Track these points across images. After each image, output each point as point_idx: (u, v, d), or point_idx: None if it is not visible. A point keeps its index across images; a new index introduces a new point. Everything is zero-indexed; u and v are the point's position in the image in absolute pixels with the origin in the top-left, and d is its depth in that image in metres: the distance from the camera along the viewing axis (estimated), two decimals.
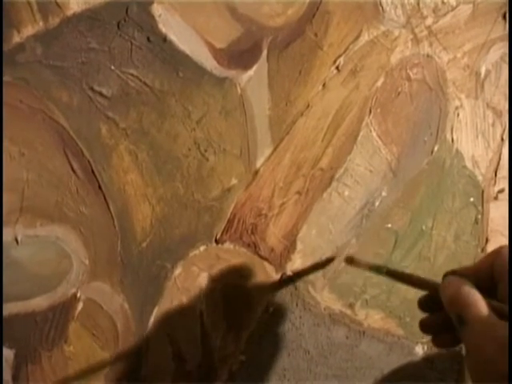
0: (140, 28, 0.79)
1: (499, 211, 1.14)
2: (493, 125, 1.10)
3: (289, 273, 0.98)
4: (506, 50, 1.09)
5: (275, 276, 0.97)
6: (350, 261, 0.98)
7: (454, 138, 1.07)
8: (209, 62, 0.85)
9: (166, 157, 0.85)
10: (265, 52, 0.88)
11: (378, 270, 0.90)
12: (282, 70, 0.90)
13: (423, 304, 0.79)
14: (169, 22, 0.81)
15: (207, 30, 0.84)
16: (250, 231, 0.94)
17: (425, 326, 0.78)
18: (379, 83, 0.98)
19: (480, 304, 0.64)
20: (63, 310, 0.83)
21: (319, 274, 1.01)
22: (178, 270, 0.90)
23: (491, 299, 0.66)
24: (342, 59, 0.94)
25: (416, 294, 0.80)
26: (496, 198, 1.14)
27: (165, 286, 0.89)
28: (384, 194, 1.03)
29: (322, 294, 1.01)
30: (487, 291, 0.67)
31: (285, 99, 0.91)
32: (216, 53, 0.85)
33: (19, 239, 0.77)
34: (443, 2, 1.00)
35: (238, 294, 0.95)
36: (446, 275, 0.74)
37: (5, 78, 0.72)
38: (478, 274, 0.71)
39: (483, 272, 0.71)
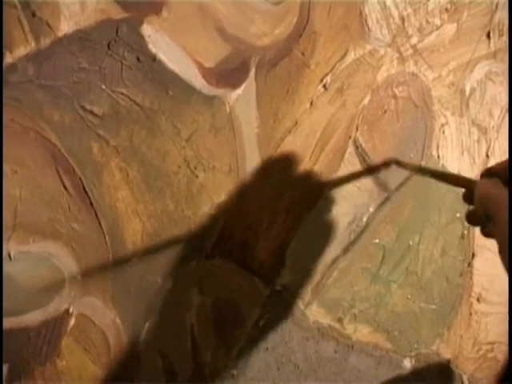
0: (130, 48, 0.80)
1: None
2: (478, 141, 1.11)
3: (278, 287, 0.99)
4: (491, 68, 1.10)
5: (265, 290, 0.98)
6: (398, 163, 1.02)
7: (440, 154, 1.08)
8: (198, 81, 0.86)
9: (157, 174, 0.86)
10: (253, 71, 0.90)
11: (421, 171, 1.00)
12: (269, 88, 0.91)
13: (467, 198, 0.81)
14: (158, 42, 0.82)
15: (196, 50, 0.85)
16: (239, 246, 0.94)
17: (470, 219, 0.80)
18: (366, 101, 1.00)
19: (506, 203, 0.67)
20: (56, 325, 0.83)
21: (308, 288, 1.02)
22: (168, 285, 0.90)
23: None
24: (328, 78, 0.96)
25: (404, 308, 0.81)
26: None
27: (156, 301, 0.90)
28: (371, 209, 1.04)
29: (311, 309, 1.02)
30: None
31: (273, 117, 0.93)
32: (205, 72, 0.86)
33: (12, 255, 0.78)
34: (428, 22, 1.02)
35: (228, 309, 0.96)
36: (482, 174, 0.76)
37: None
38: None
39: None
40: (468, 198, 0.80)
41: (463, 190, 0.81)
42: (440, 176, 0.92)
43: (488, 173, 0.75)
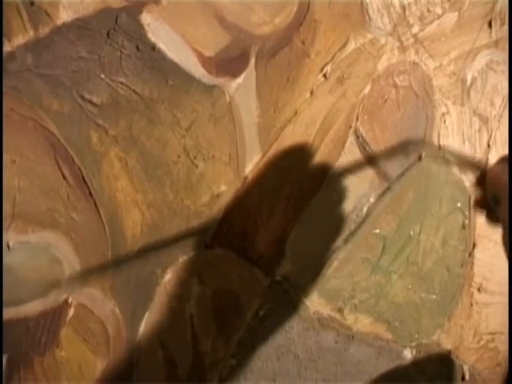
0: (129, 37, 0.80)
1: None
2: (479, 131, 1.11)
3: (278, 278, 0.98)
4: (492, 57, 1.10)
5: (265, 281, 0.98)
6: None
7: (441, 144, 1.08)
8: (197, 70, 0.86)
9: (156, 163, 0.86)
10: (253, 60, 0.89)
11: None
12: (269, 77, 0.91)
13: (479, 183, 0.83)
14: (158, 31, 0.82)
15: (195, 39, 0.85)
16: (239, 237, 0.94)
17: (478, 202, 0.82)
18: (366, 90, 0.99)
19: None
20: (55, 316, 0.83)
21: (308, 278, 1.01)
22: (168, 276, 0.90)
23: None
24: (329, 67, 0.95)
25: (404, 298, 0.80)
26: None
27: (155, 291, 0.90)
28: (372, 199, 1.03)
29: (311, 299, 1.02)
30: None
31: (273, 106, 0.92)
32: (204, 61, 0.86)
33: (11, 245, 0.78)
34: (429, 11, 1.01)
35: (227, 299, 0.95)
36: (498, 160, 0.78)
37: None
38: None
39: None
40: (480, 182, 0.82)
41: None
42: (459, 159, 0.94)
43: (503, 160, 0.76)
